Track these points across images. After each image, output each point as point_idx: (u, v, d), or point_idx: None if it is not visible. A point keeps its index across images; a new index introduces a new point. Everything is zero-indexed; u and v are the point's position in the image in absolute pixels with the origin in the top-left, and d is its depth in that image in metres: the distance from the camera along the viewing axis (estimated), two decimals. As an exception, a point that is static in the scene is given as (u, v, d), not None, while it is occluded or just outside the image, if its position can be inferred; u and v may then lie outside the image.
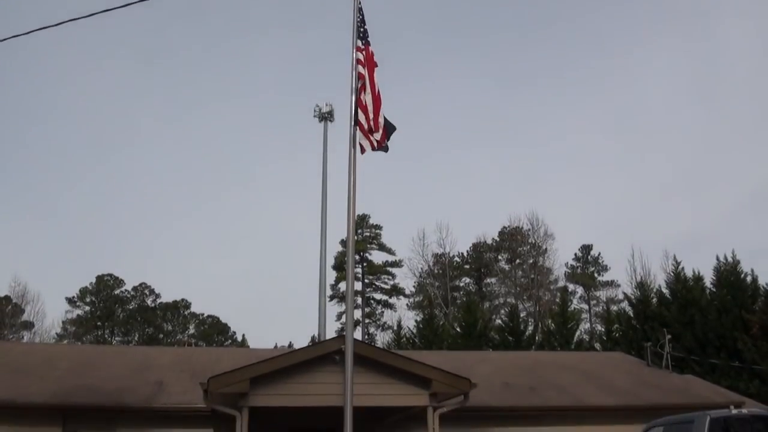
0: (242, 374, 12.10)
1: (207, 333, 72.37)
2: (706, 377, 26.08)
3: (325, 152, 17.27)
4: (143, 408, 16.31)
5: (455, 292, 60.04)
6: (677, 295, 34.25)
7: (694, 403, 18.10)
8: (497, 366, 22.24)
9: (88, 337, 66.67)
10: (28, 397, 16.49)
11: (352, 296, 13.34)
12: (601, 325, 49.35)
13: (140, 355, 22.36)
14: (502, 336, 38.92)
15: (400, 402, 13.08)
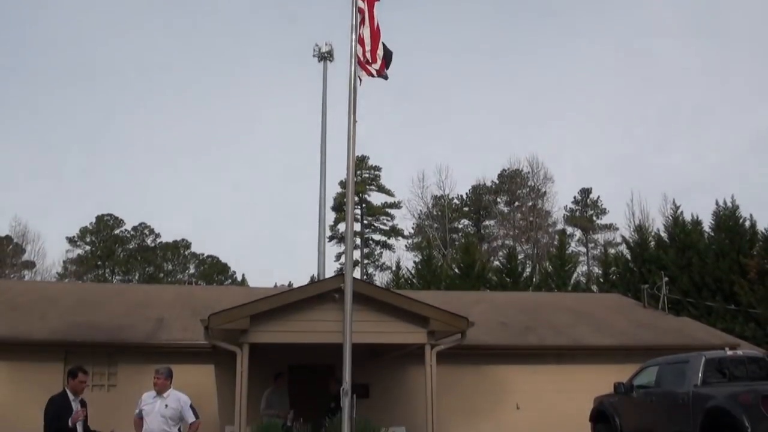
0: (242, 311, 12.19)
1: (207, 273, 72.73)
2: (702, 320, 26.32)
3: (324, 92, 17.16)
4: (144, 344, 16.51)
5: (454, 234, 60.17)
6: (675, 238, 34.36)
7: (690, 344, 18.32)
8: (494, 306, 22.43)
9: (88, 276, 67.04)
10: (30, 334, 16.66)
11: (351, 231, 13.36)
12: (598, 267, 49.62)
13: (141, 293, 22.52)
14: (500, 277, 39.15)
15: (398, 339, 13.21)
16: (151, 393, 8.75)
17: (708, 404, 12.45)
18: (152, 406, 8.58)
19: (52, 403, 7.59)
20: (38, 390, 16.13)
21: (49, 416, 7.52)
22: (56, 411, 7.52)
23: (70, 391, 7.78)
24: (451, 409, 17.04)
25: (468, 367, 17.78)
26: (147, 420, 8.48)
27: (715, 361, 13.46)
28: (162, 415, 8.49)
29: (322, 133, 16.35)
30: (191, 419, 8.77)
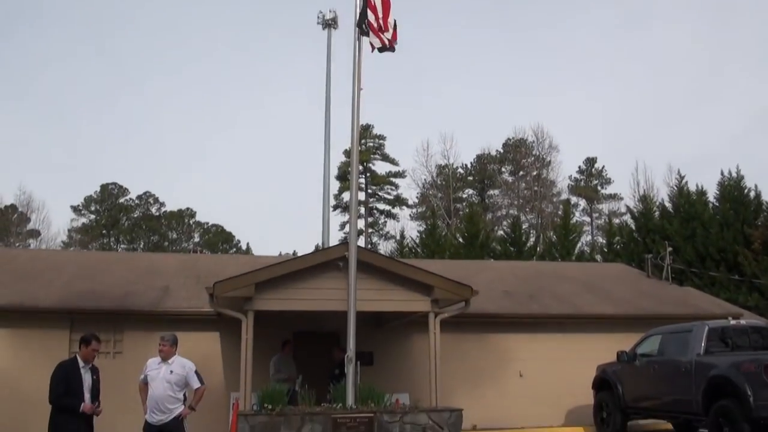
0: (247, 279, 12.24)
1: (212, 241, 72.90)
2: (706, 290, 26.36)
3: (328, 60, 16.97)
4: (150, 312, 16.60)
5: (458, 204, 60.12)
6: (680, 209, 34.31)
7: (693, 313, 18.34)
8: (498, 275, 22.47)
9: (93, 245, 67.24)
10: (36, 301, 16.75)
11: (355, 200, 13.41)
12: (602, 237, 49.62)
13: (146, 261, 22.59)
14: (504, 247, 39.18)
15: (402, 308, 13.26)
16: (156, 359, 8.80)
17: (710, 373, 12.53)
18: (157, 372, 8.64)
19: (61, 368, 7.60)
20: (44, 357, 16.29)
21: (55, 381, 7.52)
22: (64, 376, 7.53)
23: (81, 358, 7.79)
24: (455, 376, 17.15)
25: (472, 336, 17.87)
26: (152, 385, 8.54)
27: (718, 331, 13.52)
28: (167, 381, 8.55)
29: (326, 101, 16.26)
30: (196, 385, 8.84)
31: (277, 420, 11.36)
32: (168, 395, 8.51)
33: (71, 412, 7.46)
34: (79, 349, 7.86)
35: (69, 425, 7.45)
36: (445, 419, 11.88)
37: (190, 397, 8.91)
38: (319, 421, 11.44)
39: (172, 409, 8.51)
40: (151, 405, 8.50)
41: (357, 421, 11.54)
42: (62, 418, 7.42)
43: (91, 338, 7.95)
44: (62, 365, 7.64)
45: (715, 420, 12.25)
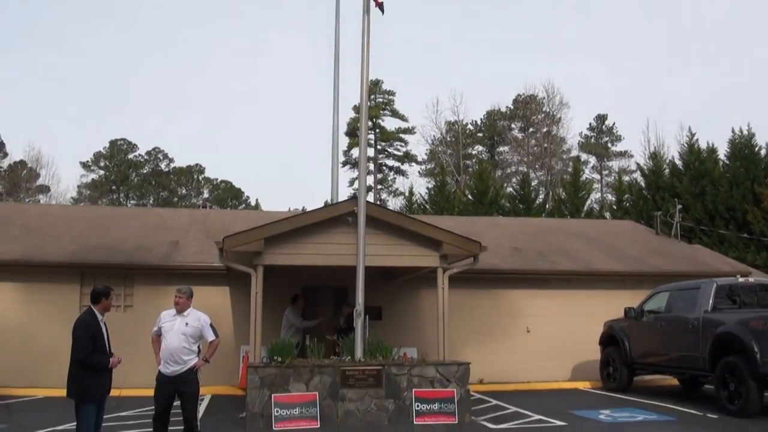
0: (257, 234, 12.26)
1: (221, 197, 73.06)
2: (715, 248, 26.35)
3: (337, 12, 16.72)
4: (160, 266, 16.72)
5: (467, 160, 59.92)
6: (690, 166, 34.11)
7: (702, 271, 18.38)
8: (507, 231, 22.49)
9: (103, 200, 67.48)
10: (46, 255, 16.88)
11: (365, 152, 13.37)
12: (612, 195, 49.42)
13: (156, 216, 22.67)
14: (513, 204, 39.14)
15: (410, 263, 13.28)
16: (170, 311, 8.82)
17: (718, 329, 12.60)
18: (172, 324, 8.66)
19: (86, 325, 7.47)
20: (55, 310, 16.51)
21: (83, 339, 7.40)
22: (90, 333, 7.47)
23: (99, 311, 7.77)
24: (463, 331, 17.29)
25: (480, 292, 17.95)
26: (167, 337, 8.59)
27: (726, 288, 13.56)
28: (182, 333, 8.60)
29: (335, 55, 16.07)
30: (211, 338, 8.89)
31: (286, 372, 11.48)
32: (183, 347, 8.57)
33: (98, 368, 7.46)
34: (97, 303, 7.79)
35: (97, 382, 7.44)
36: (453, 372, 11.98)
37: (204, 349, 8.99)
38: (328, 374, 11.56)
39: (187, 361, 8.59)
40: (165, 356, 8.56)
41: (365, 373, 11.66)
42: (89, 375, 7.39)
43: (110, 291, 7.94)
44: (86, 322, 7.52)
45: (721, 376, 12.34)
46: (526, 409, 12.95)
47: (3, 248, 17.19)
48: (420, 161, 61.63)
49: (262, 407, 11.22)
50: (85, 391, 7.39)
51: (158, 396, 8.57)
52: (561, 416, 12.16)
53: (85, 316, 7.63)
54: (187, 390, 8.61)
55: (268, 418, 11.16)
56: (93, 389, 7.43)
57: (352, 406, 11.52)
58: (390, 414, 11.62)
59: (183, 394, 8.59)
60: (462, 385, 11.94)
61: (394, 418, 11.59)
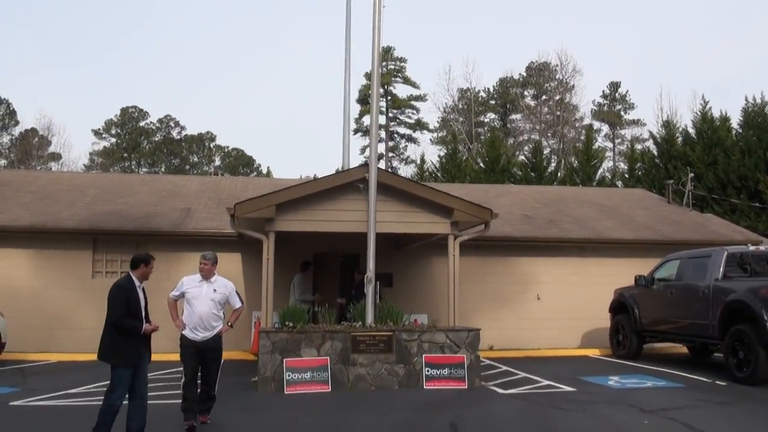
0: (268, 200, 12.30)
1: (232, 165, 73.14)
2: (726, 217, 26.25)
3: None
4: (172, 233, 16.80)
5: (479, 128, 59.65)
6: (702, 135, 33.84)
7: (713, 239, 18.35)
8: (518, 199, 22.48)
9: (115, 168, 67.66)
10: (59, 222, 16.99)
11: (376, 117, 13.33)
12: (624, 163, 49.21)
13: (167, 183, 22.75)
14: (525, 172, 39.01)
15: (421, 230, 13.29)
16: (194, 277, 8.80)
17: (728, 298, 12.60)
18: (199, 290, 8.66)
19: (122, 289, 7.47)
20: (68, 276, 16.68)
21: (117, 302, 7.31)
22: (125, 297, 7.43)
23: (138, 277, 7.74)
24: (473, 299, 17.34)
25: (491, 259, 17.99)
26: (195, 303, 8.53)
27: (737, 256, 13.53)
28: (211, 300, 8.61)
29: (347, 22, 15.97)
30: (237, 304, 8.93)
31: (298, 337, 11.58)
32: (213, 313, 8.60)
33: (130, 332, 7.48)
34: (135, 269, 7.73)
35: (130, 347, 7.43)
36: (463, 338, 12.05)
37: (227, 315, 9.05)
38: (339, 339, 11.66)
39: (215, 327, 8.64)
40: (194, 322, 8.55)
41: (376, 339, 11.75)
42: (122, 339, 7.38)
43: (150, 258, 7.90)
44: (122, 286, 7.50)
45: (730, 344, 12.37)
46: (536, 375, 13.04)
47: (16, 215, 17.32)
48: (432, 129, 61.48)
49: (273, 371, 11.34)
50: (118, 354, 7.38)
51: (188, 361, 8.57)
52: (570, 382, 12.24)
53: (121, 281, 7.64)
54: (213, 356, 8.68)
55: (279, 382, 11.28)
56: (125, 354, 7.39)
57: (362, 370, 11.63)
58: (400, 379, 11.73)
59: (209, 360, 8.65)
60: (472, 351, 12.02)
61: (404, 383, 11.70)
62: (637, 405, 9.98)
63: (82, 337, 16.46)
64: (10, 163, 57.82)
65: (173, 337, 9.13)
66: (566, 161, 43.95)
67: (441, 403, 10.32)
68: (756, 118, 32.35)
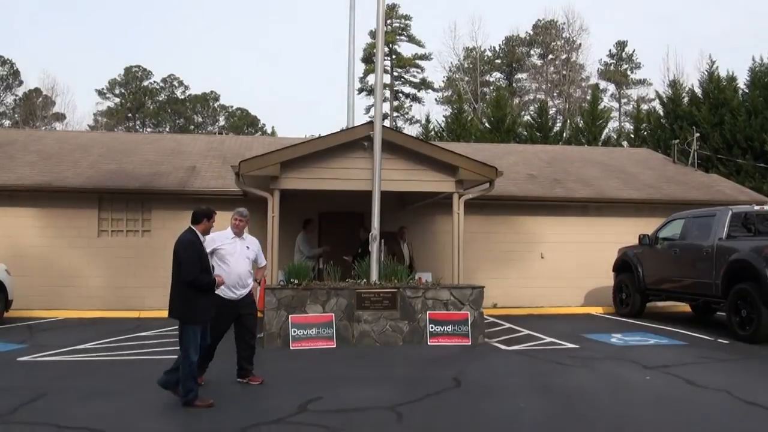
0: (273, 158, 12.29)
1: (237, 125, 72.89)
2: (731, 178, 26.18)
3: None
4: (177, 191, 16.85)
5: (485, 88, 59.24)
6: (709, 95, 33.55)
7: (717, 199, 18.35)
8: (523, 158, 22.45)
9: (119, 128, 67.48)
10: (64, 181, 17.02)
11: (381, 76, 13.29)
12: (630, 123, 48.96)
13: (172, 142, 22.74)
14: (530, 132, 38.81)
15: (426, 188, 13.29)
16: (224, 234, 8.54)
17: (731, 257, 12.65)
18: (233, 247, 8.47)
19: (193, 245, 7.38)
20: (74, 235, 16.79)
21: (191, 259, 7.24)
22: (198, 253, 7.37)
23: (201, 232, 7.66)
24: (477, 257, 17.43)
25: (495, 218, 18.03)
26: (231, 261, 8.34)
27: (741, 216, 13.53)
28: (247, 257, 8.52)
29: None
30: (263, 262, 8.89)
31: (303, 294, 11.67)
32: (248, 270, 8.50)
33: (206, 288, 7.42)
34: (198, 223, 7.63)
35: (204, 303, 7.37)
36: (467, 296, 12.13)
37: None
38: (344, 296, 11.75)
39: (249, 284, 8.54)
40: (233, 281, 8.34)
41: (380, 296, 11.83)
42: (197, 295, 7.31)
43: (212, 212, 7.77)
44: (192, 242, 7.39)
45: (733, 302, 12.44)
46: (539, 332, 13.15)
47: (21, 174, 17.36)
48: (437, 89, 61.05)
49: (279, 327, 11.45)
50: (193, 312, 7.33)
51: (223, 323, 8.34)
52: (573, 339, 12.35)
53: (189, 236, 7.48)
54: (251, 311, 8.59)
55: (285, 338, 11.40)
56: (200, 311, 7.36)
57: (367, 327, 11.74)
58: (404, 335, 11.83)
59: (247, 315, 8.52)
60: (476, 308, 12.11)
61: (409, 339, 11.81)
62: (639, 361, 10.08)
63: (88, 295, 16.64)
64: (15, 124, 57.74)
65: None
66: (572, 121, 43.65)
67: (445, 358, 10.44)
68: (762, 78, 32.02)
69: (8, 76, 63.84)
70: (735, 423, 6.75)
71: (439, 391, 8.08)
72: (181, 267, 7.27)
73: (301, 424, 6.64)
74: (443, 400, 7.66)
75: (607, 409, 7.27)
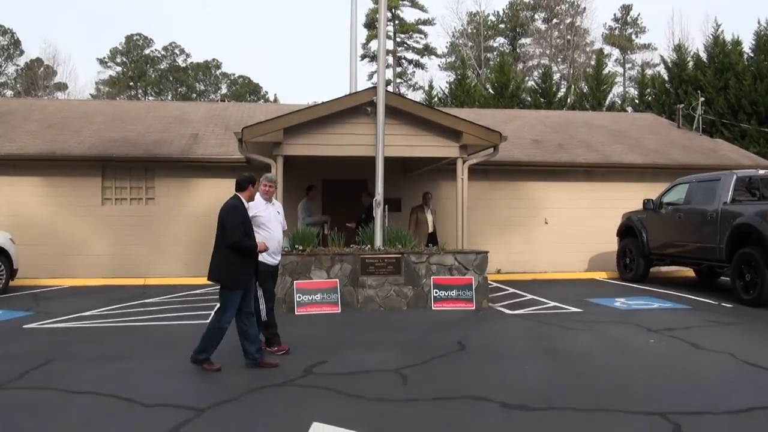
0: (276, 124, 12.26)
1: (239, 92, 72.56)
2: (736, 143, 26.08)
3: None
4: (180, 159, 16.83)
5: (488, 53, 58.80)
6: (714, 59, 33.27)
7: (722, 164, 18.27)
8: (527, 123, 22.36)
9: (121, 97, 67.23)
10: (67, 149, 17.01)
11: (383, 39, 13.20)
12: (634, 88, 48.66)
13: (175, 110, 22.67)
14: (534, 98, 38.62)
15: (430, 153, 13.26)
16: (258, 201, 8.30)
17: (736, 221, 12.62)
18: (269, 214, 8.37)
19: (237, 210, 7.43)
20: (78, 204, 16.82)
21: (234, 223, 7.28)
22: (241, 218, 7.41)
23: (246, 198, 7.64)
24: (481, 223, 17.45)
25: (499, 184, 18.01)
26: (270, 227, 8.23)
27: (746, 180, 13.49)
28: (279, 222, 8.49)
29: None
30: (285, 227, 8.90)
31: (308, 260, 11.70)
32: (282, 236, 8.58)
33: (248, 252, 7.45)
34: (243, 190, 7.61)
35: (246, 267, 7.39)
36: (471, 261, 12.14)
37: None
38: (348, 261, 11.77)
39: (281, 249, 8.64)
40: (274, 247, 8.34)
41: (385, 261, 11.85)
42: (239, 260, 7.33)
43: (255, 179, 7.73)
44: (237, 207, 7.43)
45: (737, 266, 12.44)
46: (543, 297, 13.19)
47: (24, 143, 17.34)
48: (440, 54, 60.58)
49: (284, 293, 11.49)
50: (235, 276, 7.38)
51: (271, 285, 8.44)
52: (576, 303, 12.38)
53: (234, 201, 7.52)
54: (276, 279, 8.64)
55: (290, 304, 11.45)
56: (242, 275, 7.41)
57: (371, 292, 11.78)
58: (409, 300, 11.88)
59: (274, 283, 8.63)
60: (480, 273, 12.13)
61: (413, 304, 11.86)
62: (643, 325, 10.11)
63: (93, 263, 16.71)
64: (17, 94, 57.56)
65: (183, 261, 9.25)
66: (576, 86, 43.41)
67: (449, 322, 10.48)
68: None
69: (9, 46, 63.50)
70: (739, 384, 6.78)
71: (443, 354, 8.13)
72: (224, 231, 7.32)
73: (308, 387, 6.69)
74: (448, 363, 7.70)
75: (610, 371, 7.31)
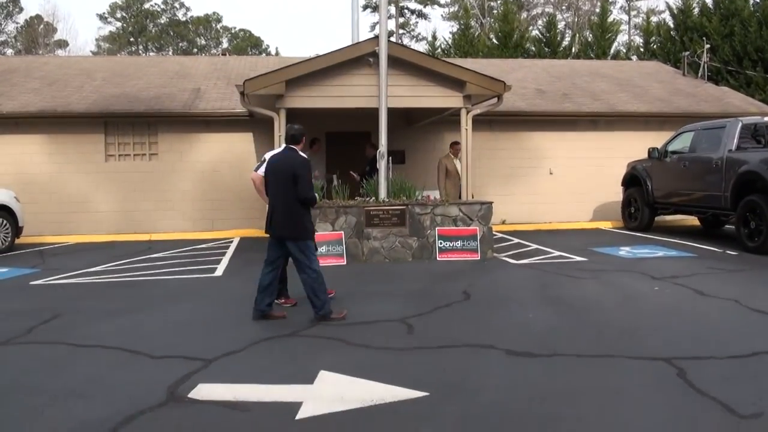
0: (278, 76, 12.18)
1: (240, 46, 71.92)
2: (741, 90, 25.85)
3: None
4: (183, 114, 16.74)
5: (492, 2, 58.05)
6: (719, 5, 32.82)
7: (727, 112, 18.14)
8: (531, 73, 22.17)
9: (122, 53, 66.79)
10: (69, 106, 16.93)
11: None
12: (639, 36, 48.05)
13: (176, 64, 22.52)
14: (539, 47, 38.22)
15: (434, 104, 13.18)
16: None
17: (741, 168, 12.58)
18: None
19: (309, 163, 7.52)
20: (81, 160, 16.80)
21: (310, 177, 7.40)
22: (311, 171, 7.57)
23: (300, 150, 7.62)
24: (486, 174, 17.41)
25: (503, 134, 17.92)
26: None
27: (751, 128, 13.40)
28: None
29: None
30: None
31: (312, 213, 11.68)
32: None
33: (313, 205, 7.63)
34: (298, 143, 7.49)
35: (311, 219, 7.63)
36: (476, 211, 12.15)
37: None
38: (353, 213, 11.78)
39: None
40: None
41: (389, 213, 11.86)
42: (308, 211, 7.38)
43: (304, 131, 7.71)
44: (308, 161, 7.50)
45: (742, 214, 12.43)
46: (547, 247, 13.22)
47: (25, 101, 17.27)
48: (443, 4, 59.83)
49: (289, 246, 11.50)
50: (311, 226, 7.61)
51: None
52: (581, 252, 12.42)
53: (302, 157, 7.53)
54: None
55: (296, 257, 11.47)
56: (312, 226, 7.64)
57: (376, 244, 11.81)
58: (414, 251, 11.91)
59: None
60: (484, 224, 12.15)
61: (418, 255, 11.90)
62: (647, 273, 10.14)
63: (98, 219, 16.76)
64: (17, 52, 57.21)
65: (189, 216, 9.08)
66: (581, 35, 42.93)
67: (454, 272, 10.52)
68: (775, -12, 31.31)
69: (8, 4, 62.87)
70: (743, 329, 6.82)
71: (448, 303, 8.18)
72: (298, 185, 7.31)
73: (315, 337, 6.75)
74: (453, 312, 7.75)
75: (615, 317, 7.35)
